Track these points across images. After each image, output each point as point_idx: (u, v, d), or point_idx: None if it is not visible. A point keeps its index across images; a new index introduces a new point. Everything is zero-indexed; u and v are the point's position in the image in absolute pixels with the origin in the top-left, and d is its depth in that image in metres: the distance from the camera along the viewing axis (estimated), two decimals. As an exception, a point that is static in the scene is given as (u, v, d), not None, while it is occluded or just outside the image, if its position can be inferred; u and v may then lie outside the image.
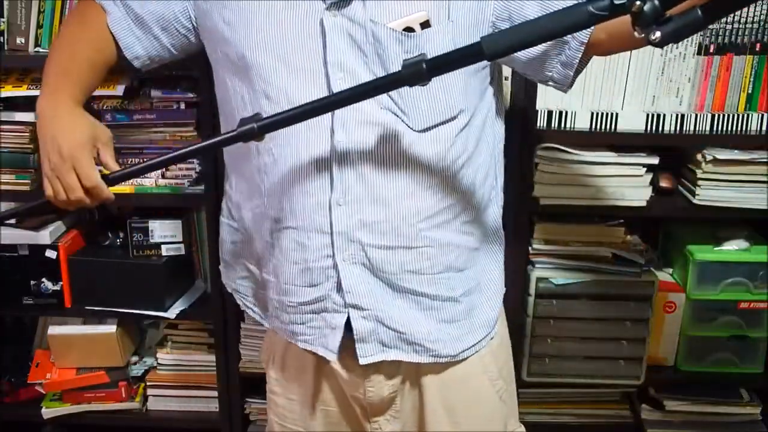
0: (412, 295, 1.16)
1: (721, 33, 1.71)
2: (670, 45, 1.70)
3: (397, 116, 1.08)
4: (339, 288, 1.14)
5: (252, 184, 1.18)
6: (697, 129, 1.74)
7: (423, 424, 1.27)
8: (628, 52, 1.71)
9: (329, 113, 1.06)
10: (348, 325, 1.16)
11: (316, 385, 1.27)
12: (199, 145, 1.16)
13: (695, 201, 1.73)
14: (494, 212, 1.25)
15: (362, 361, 1.17)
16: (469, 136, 1.14)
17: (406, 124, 1.09)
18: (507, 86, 1.69)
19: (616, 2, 0.82)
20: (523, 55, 1.11)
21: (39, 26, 1.81)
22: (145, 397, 2.02)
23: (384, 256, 1.13)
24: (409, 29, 1.06)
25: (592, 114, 1.72)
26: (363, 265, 1.13)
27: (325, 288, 1.15)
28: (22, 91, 1.76)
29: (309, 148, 1.10)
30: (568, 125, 1.74)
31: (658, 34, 0.82)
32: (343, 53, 1.07)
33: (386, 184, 1.10)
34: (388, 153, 1.09)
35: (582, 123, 1.73)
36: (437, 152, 1.11)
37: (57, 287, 1.90)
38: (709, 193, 1.72)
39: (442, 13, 1.07)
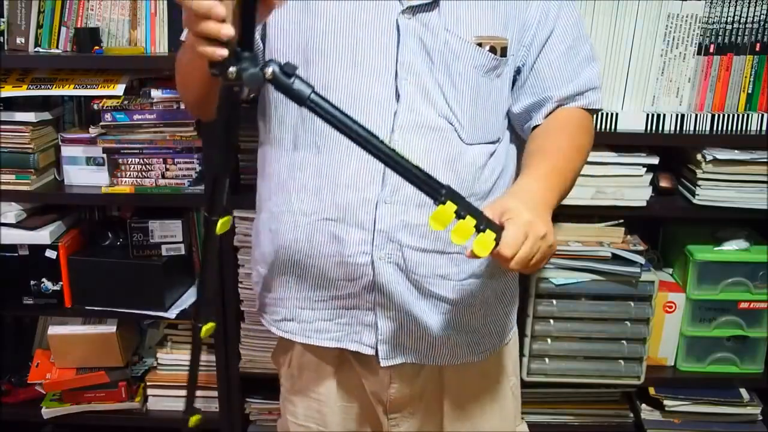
0: (435, 300, 1.18)
1: (721, 33, 1.71)
2: (670, 45, 1.71)
3: (452, 125, 1.12)
4: (371, 286, 1.15)
5: (277, 182, 1.19)
6: (697, 129, 1.74)
7: (441, 420, 1.28)
8: (629, 52, 1.72)
9: (391, 113, 1.09)
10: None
11: (337, 382, 1.28)
12: None
13: (695, 201, 1.73)
14: None
15: (383, 363, 1.19)
16: (501, 157, 1.20)
17: (458, 134, 1.12)
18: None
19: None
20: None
21: (39, 26, 1.82)
22: (145, 397, 2.02)
23: (419, 259, 1.15)
24: (492, 49, 1.11)
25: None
26: (396, 265, 1.14)
27: (358, 284, 1.16)
28: (22, 91, 1.76)
29: None
30: (568, 125, 1.73)
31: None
32: (414, 56, 1.09)
33: None
34: (439, 158, 1.11)
35: (582, 123, 1.73)
36: (479, 165, 1.15)
37: (57, 287, 1.90)
38: (709, 193, 1.72)
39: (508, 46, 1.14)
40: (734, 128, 1.74)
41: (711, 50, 1.73)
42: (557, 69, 1.18)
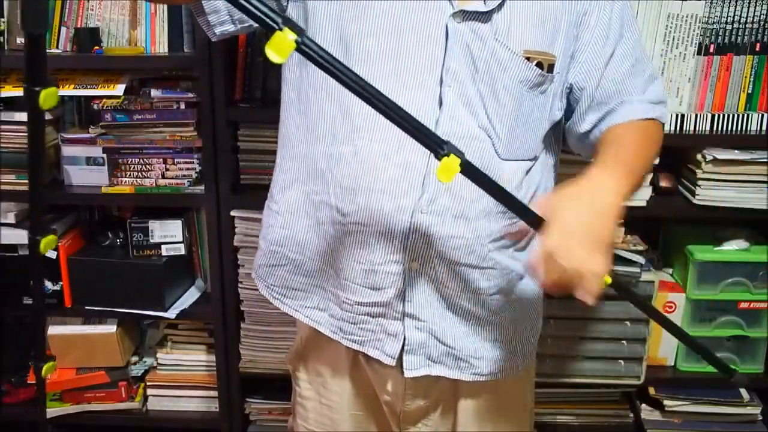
0: (464, 313, 1.16)
1: (721, 33, 1.71)
2: (670, 45, 1.71)
3: (490, 138, 1.09)
4: (400, 296, 1.13)
5: (312, 167, 1.15)
6: (697, 129, 1.74)
7: None
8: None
9: (434, 120, 1.05)
10: None
11: (350, 389, 1.26)
12: None
13: (695, 201, 1.73)
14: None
15: (407, 374, 1.17)
16: (536, 176, 1.17)
17: (495, 148, 1.09)
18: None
19: None
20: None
21: (39, 26, 1.81)
22: (145, 397, 2.02)
23: (451, 271, 1.12)
24: (539, 65, 1.08)
25: (592, 114, 1.72)
26: (427, 276, 1.12)
27: (387, 294, 1.13)
28: (22, 91, 1.75)
29: (403, 151, 1.07)
30: (568, 125, 1.73)
31: None
32: (459, 63, 1.06)
33: (471, 200, 1.09)
34: None
35: (582, 123, 1.73)
36: (515, 184, 1.12)
37: (57, 287, 1.89)
38: (709, 193, 1.72)
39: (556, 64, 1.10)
40: (734, 128, 1.74)
41: (711, 50, 1.73)
42: (622, 83, 1.15)
